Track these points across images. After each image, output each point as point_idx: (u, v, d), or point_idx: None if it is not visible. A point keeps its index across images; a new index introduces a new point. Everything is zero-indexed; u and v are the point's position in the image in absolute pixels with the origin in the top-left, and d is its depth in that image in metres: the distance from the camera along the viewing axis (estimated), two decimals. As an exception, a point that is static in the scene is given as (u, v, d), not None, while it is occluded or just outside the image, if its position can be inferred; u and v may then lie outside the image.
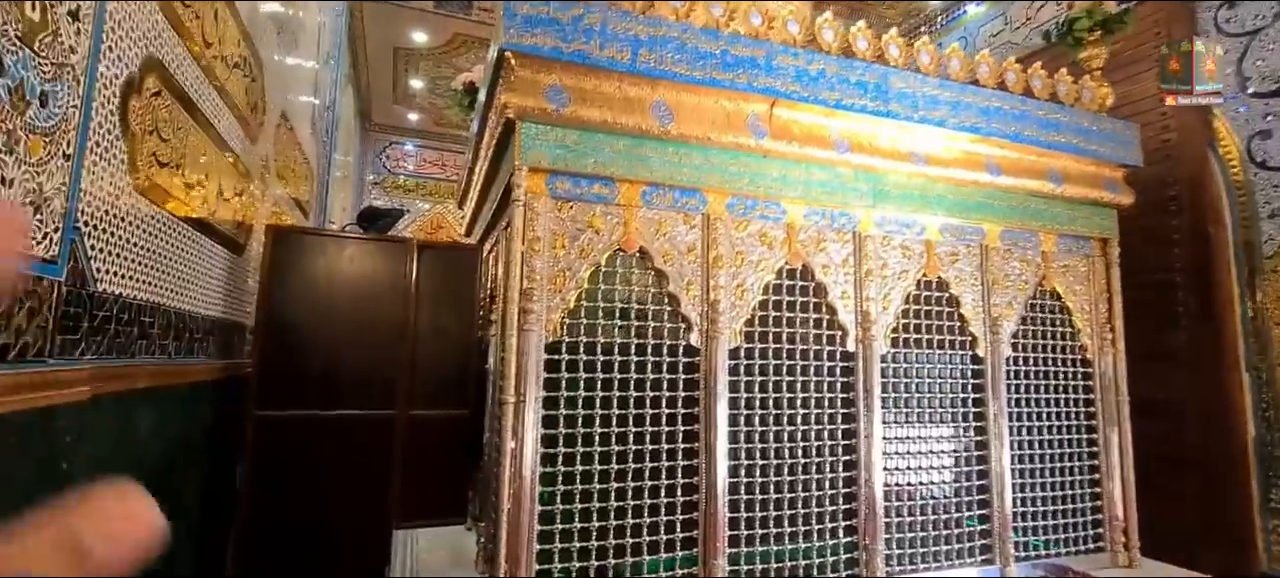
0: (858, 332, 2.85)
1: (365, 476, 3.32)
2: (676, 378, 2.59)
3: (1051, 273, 3.28)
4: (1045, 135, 3.18)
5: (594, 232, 2.51)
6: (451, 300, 3.69)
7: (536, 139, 2.40)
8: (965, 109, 3.01)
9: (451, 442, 3.52)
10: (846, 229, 2.89)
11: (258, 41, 3.25)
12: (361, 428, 3.36)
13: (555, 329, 2.42)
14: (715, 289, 2.64)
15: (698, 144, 2.61)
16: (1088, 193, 3.30)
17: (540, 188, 2.43)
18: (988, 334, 3.09)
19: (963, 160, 3.05)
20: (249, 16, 3.20)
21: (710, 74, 2.57)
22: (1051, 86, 3.26)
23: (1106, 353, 3.33)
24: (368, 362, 3.45)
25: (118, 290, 1.80)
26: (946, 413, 3.00)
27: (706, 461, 2.56)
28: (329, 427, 3.30)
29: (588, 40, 2.40)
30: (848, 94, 2.78)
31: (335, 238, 3.56)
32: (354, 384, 3.39)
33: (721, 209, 2.69)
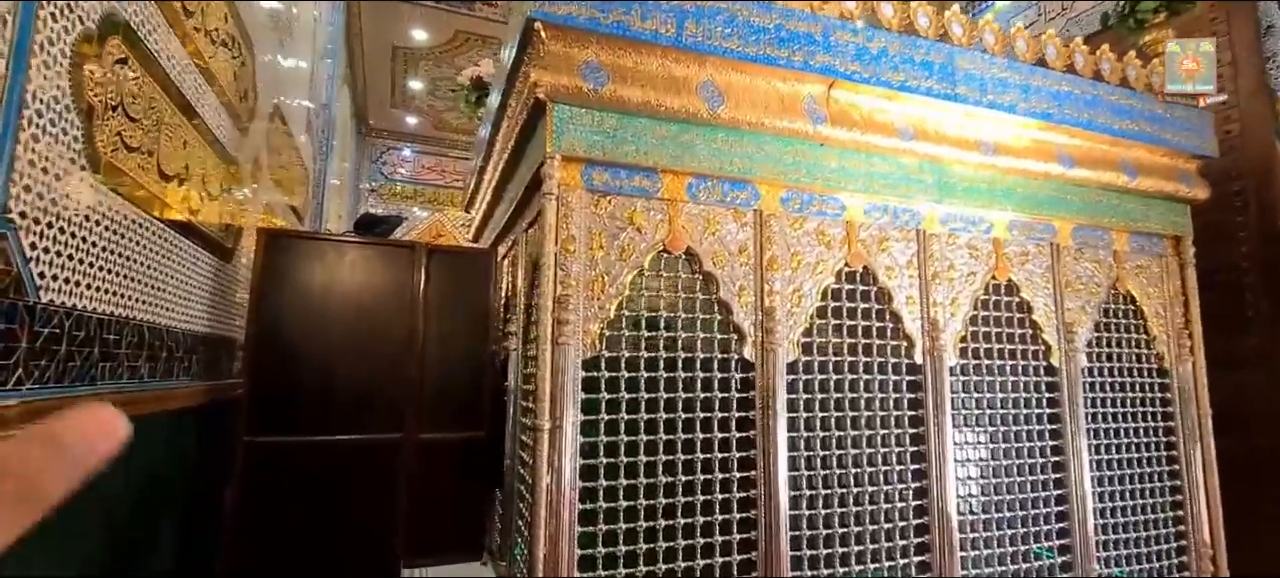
0: (925, 341, 2.55)
1: (369, 509, 2.97)
2: (729, 396, 2.27)
3: (1125, 274, 2.99)
4: (1118, 123, 2.90)
5: (635, 230, 2.19)
6: (464, 310, 3.37)
7: (570, 123, 2.09)
8: (1036, 93, 2.72)
9: (466, 468, 3.18)
10: (910, 227, 2.59)
11: (249, 27, 2.93)
12: (365, 455, 3.02)
13: (593, 343, 2.10)
14: (770, 295, 2.33)
15: (750, 130, 2.31)
16: (1162, 186, 3.02)
17: (575, 179, 2.12)
18: (1062, 343, 2.79)
19: (1033, 150, 2.76)
20: None
21: (764, 50, 2.27)
22: (1120, 70, 2.99)
23: (1185, 361, 3.04)
24: (371, 380, 3.11)
25: (72, 303, 1.46)
26: (1021, 430, 2.70)
27: (765, 487, 2.24)
28: (328, 454, 2.95)
29: (628, 11, 2.10)
30: (913, 75, 2.49)
31: (335, 243, 3.23)
32: (356, 406, 3.05)
33: (775, 204, 2.38)
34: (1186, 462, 2.98)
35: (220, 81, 2.61)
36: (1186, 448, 2.98)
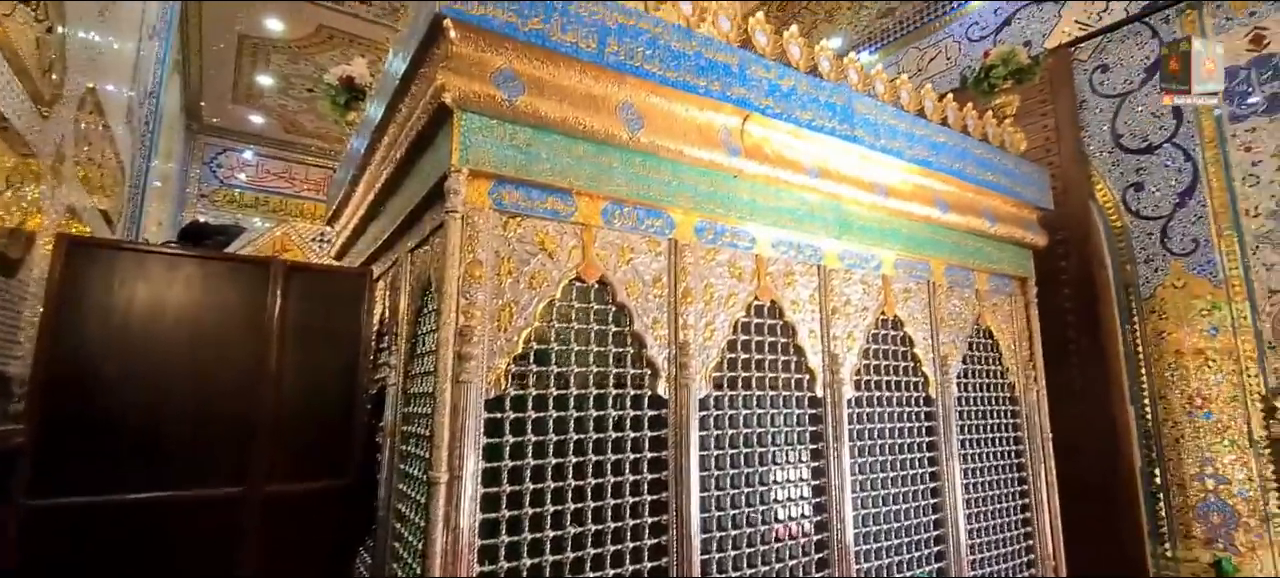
0: (826, 375, 2.60)
1: None
2: (642, 436, 2.13)
3: (985, 311, 3.29)
4: (982, 174, 3.21)
5: (547, 255, 2.00)
6: (329, 339, 2.92)
7: (479, 135, 1.86)
8: (918, 141, 2.93)
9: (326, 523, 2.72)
10: (812, 262, 2.65)
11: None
12: (193, 515, 2.48)
13: (499, 380, 1.87)
14: (684, 329, 2.24)
15: (668, 157, 2.22)
16: (1013, 232, 3.38)
17: (482, 198, 1.89)
18: (938, 375, 2.99)
19: (916, 194, 2.96)
20: None
21: (683, 77, 2.21)
22: (982, 126, 3.33)
23: (1031, 391, 3.40)
24: (206, 423, 2.58)
25: None
26: (906, 458, 2.83)
27: (678, 529, 2.12)
28: (142, 517, 2.39)
29: (548, 20, 1.93)
30: (819, 115, 2.56)
31: (166, 256, 2.68)
32: (184, 455, 2.51)
33: (690, 234, 2.31)
34: (1033, 480, 3.31)
35: (15, 46, 2.04)
36: (1033, 468, 3.32)
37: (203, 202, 9.01)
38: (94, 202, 3.54)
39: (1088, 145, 4.19)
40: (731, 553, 2.25)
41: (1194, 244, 3.71)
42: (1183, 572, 3.65)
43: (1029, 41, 4.59)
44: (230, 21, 5.77)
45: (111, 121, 3.59)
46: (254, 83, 7.11)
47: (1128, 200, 4.00)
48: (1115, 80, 4.12)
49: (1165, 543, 3.71)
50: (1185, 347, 3.72)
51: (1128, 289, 3.96)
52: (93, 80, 3.08)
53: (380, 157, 2.61)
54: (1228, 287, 3.58)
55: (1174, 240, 3.80)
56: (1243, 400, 3.49)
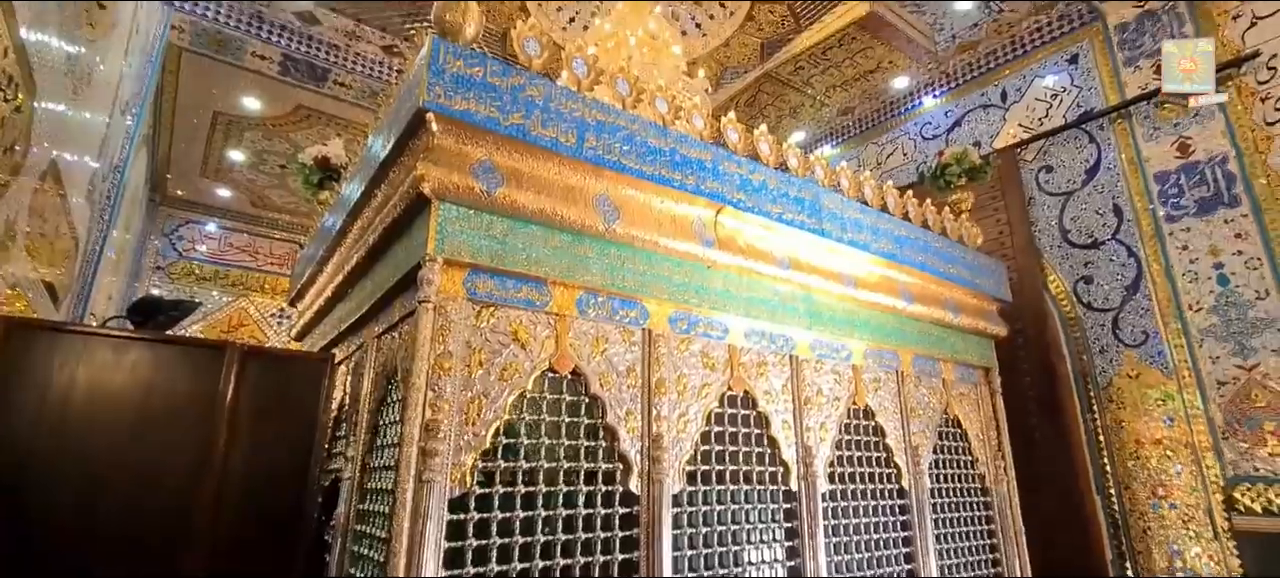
0: (800, 468, 2.56)
1: None
2: (612, 537, 2.04)
3: (953, 400, 3.33)
4: (944, 267, 3.33)
5: (520, 346, 1.96)
6: (282, 427, 2.77)
7: (457, 225, 1.86)
8: (883, 234, 3.03)
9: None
10: (784, 352, 2.66)
11: (38, 66, 2.30)
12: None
13: (464, 478, 1.78)
14: (657, 421, 2.19)
15: (643, 248, 2.25)
16: (975, 323, 3.48)
17: (456, 287, 1.86)
18: (910, 466, 2.98)
19: (882, 285, 3.04)
20: (32, 23, 2.29)
21: (659, 171, 2.27)
22: (941, 221, 3.47)
23: (1001, 480, 3.40)
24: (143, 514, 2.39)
25: None
26: (882, 555, 2.77)
27: (650, 645, 1.99)
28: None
29: (529, 115, 1.98)
30: (788, 208, 2.64)
31: (109, 339, 2.55)
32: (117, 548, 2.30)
33: (664, 324, 2.31)
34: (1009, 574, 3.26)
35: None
36: (1008, 565, 3.27)
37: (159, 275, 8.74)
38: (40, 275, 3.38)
39: (1039, 239, 4.40)
40: (706, 663, 2.13)
41: (1144, 335, 3.87)
42: (1161, 671, 3.58)
43: (979, 142, 4.89)
44: (206, 99, 5.79)
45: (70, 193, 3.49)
46: (225, 157, 7.07)
47: (1079, 292, 4.18)
48: (1059, 180, 4.39)
49: (1142, 640, 3.65)
50: (1144, 436, 3.80)
51: (1085, 378, 4.07)
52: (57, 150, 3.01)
53: (352, 239, 2.58)
54: (1178, 377, 3.71)
55: (1125, 332, 3.95)
56: (1203, 492, 3.55)
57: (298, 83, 5.31)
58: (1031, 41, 4.65)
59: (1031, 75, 4.67)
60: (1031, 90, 4.66)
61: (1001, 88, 4.85)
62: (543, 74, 2.13)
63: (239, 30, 4.67)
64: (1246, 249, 3.55)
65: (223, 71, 5.19)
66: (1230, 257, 3.60)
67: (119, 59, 3.58)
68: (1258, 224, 3.52)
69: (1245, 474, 3.45)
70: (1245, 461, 3.46)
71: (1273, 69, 3.52)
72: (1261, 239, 3.49)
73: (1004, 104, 4.83)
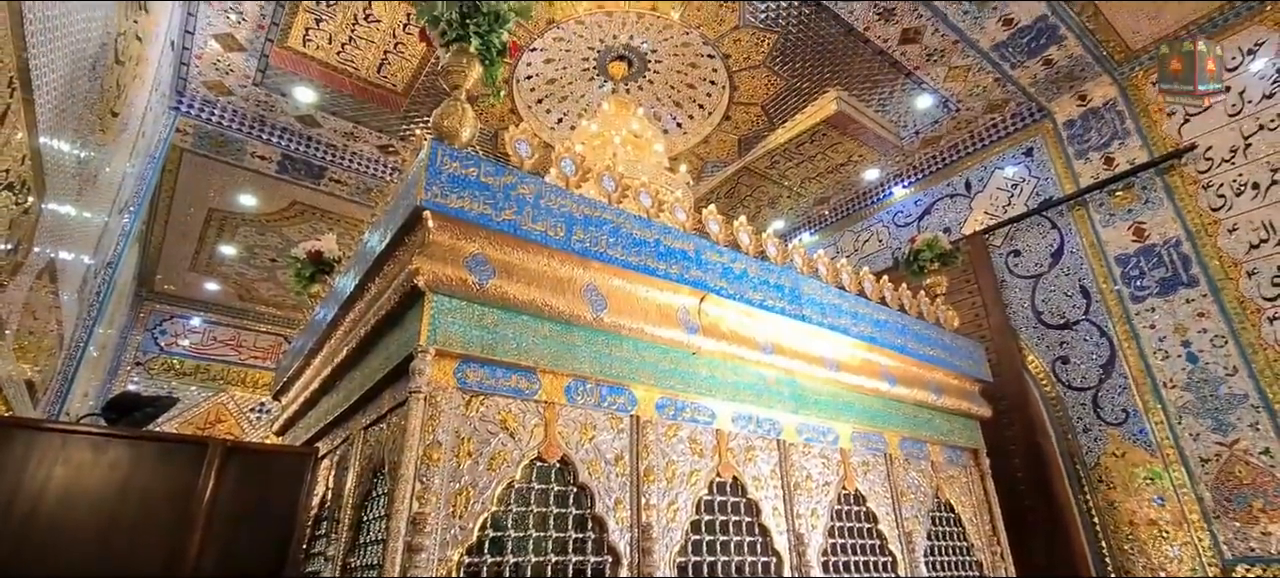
0: (793, 557, 2.51)
1: None
2: (604, 633, 1.98)
3: (943, 483, 3.32)
4: (923, 349, 3.41)
5: (508, 435, 1.98)
6: (260, 525, 2.69)
7: (449, 316, 1.92)
8: (862, 319, 3.13)
9: None
10: (772, 436, 2.68)
11: (51, 170, 2.39)
12: None
13: (451, 575, 1.75)
14: (647, 509, 2.18)
15: (629, 336, 2.31)
16: (959, 404, 3.53)
17: (447, 377, 1.90)
18: (905, 554, 2.93)
19: (864, 368, 3.10)
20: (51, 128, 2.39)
21: (645, 261, 2.36)
22: (918, 305, 3.59)
23: (999, 567, 3.34)
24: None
25: None
26: (882, 649, 2.68)
27: None
28: None
29: (520, 211, 2.09)
30: (769, 295, 2.74)
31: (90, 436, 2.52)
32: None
33: (651, 410, 2.34)
34: (1013, 669, 3.14)
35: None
36: (1012, 656, 3.17)
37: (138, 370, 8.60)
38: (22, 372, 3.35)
39: (1014, 320, 4.54)
40: None
41: (1125, 414, 3.93)
42: None
43: (948, 228, 5.12)
44: (202, 197, 5.93)
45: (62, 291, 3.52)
46: (216, 252, 7.15)
47: (1058, 372, 4.27)
48: (1028, 263, 4.58)
49: None
50: (1137, 517, 3.79)
51: (1074, 459, 4.09)
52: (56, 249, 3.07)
53: (344, 331, 2.61)
54: (1162, 455, 3.75)
55: (1105, 410, 4.02)
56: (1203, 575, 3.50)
57: (294, 180, 5.48)
58: (989, 136, 4.98)
59: (992, 166, 4.97)
60: (993, 180, 4.94)
61: (965, 178, 5.14)
62: (533, 172, 2.26)
63: (242, 132, 4.87)
64: (1210, 327, 3.69)
65: (221, 170, 5.36)
66: (1196, 334, 3.74)
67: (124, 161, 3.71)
68: (1217, 303, 3.68)
69: (1243, 555, 3.43)
70: (1240, 540, 3.44)
71: (1209, 160, 3.79)
72: (1222, 316, 3.64)
73: (969, 193, 5.10)
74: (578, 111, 5.10)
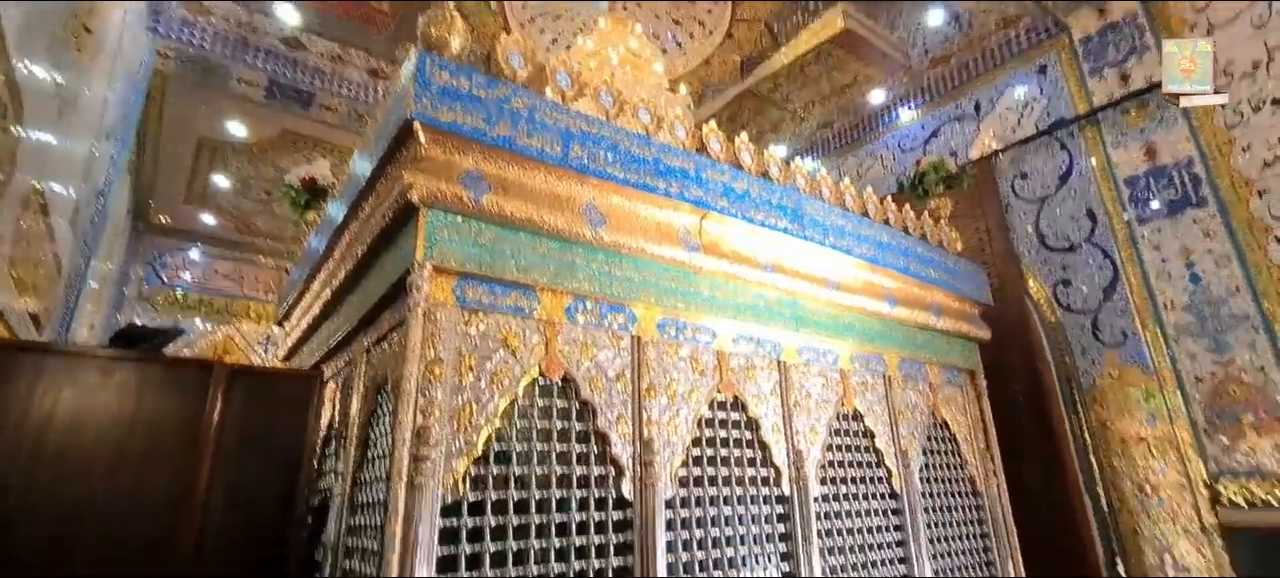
0: (791, 471, 2.58)
1: None
2: (607, 541, 2.04)
3: (939, 402, 3.37)
4: (924, 270, 3.39)
5: (510, 353, 1.98)
6: (270, 447, 2.74)
7: (445, 232, 1.88)
8: (865, 239, 3.09)
9: (254, 656, 2.45)
10: (772, 356, 2.69)
11: (26, 90, 2.30)
12: (104, 649, 2.20)
13: (457, 484, 1.79)
14: (648, 425, 2.21)
15: (629, 255, 2.28)
16: (958, 326, 3.54)
17: (446, 294, 1.88)
18: (901, 468, 3.00)
19: (866, 289, 3.09)
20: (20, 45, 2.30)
21: (644, 179, 2.31)
22: (921, 227, 3.55)
23: (991, 482, 3.44)
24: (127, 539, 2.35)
25: None
26: (876, 557, 2.78)
27: (645, 648, 1.99)
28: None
29: (515, 126, 2.02)
30: (771, 214, 2.69)
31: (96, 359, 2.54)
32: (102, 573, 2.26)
33: (652, 329, 2.33)
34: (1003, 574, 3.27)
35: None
36: (1001, 562, 3.29)
37: (143, 303, 8.63)
38: (24, 303, 3.35)
39: (1017, 245, 4.50)
40: (702, 668, 2.12)
41: (1123, 336, 3.95)
42: (1155, 668, 3.60)
43: (954, 152, 5.01)
44: (191, 125, 5.79)
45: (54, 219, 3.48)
46: (209, 184, 7.05)
47: (1058, 296, 4.27)
48: (1034, 186, 4.50)
49: (1135, 637, 3.67)
50: (1129, 435, 3.86)
51: (1069, 381, 4.14)
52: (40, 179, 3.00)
53: (340, 253, 2.59)
54: (1159, 376, 3.79)
55: (1104, 333, 4.03)
56: (1189, 488, 3.60)
57: (283, 107, 5.33)
58: (1001, 54, 4.80)
59: (1003, 86, 4.81)
60: (1003, 100, 4.79)
61: (975, 99, 4.99)
62: (527, 88, 2.17)
63: (225, 56, 4.70)
64: (1215, 247, 3.66)
65: (208, 97, 5.21)
66: (1201, 255, 3.71)
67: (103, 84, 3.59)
68: (1224, 223, 3.63)
69: (1228, 469, 3.51)
70: (1227, 456, 3.52)
71: (1229, 74, 3.66)
72: (1228, 237, 3.60)
73: (977, 115, 4.96)
74: (573, 32, 4.90)
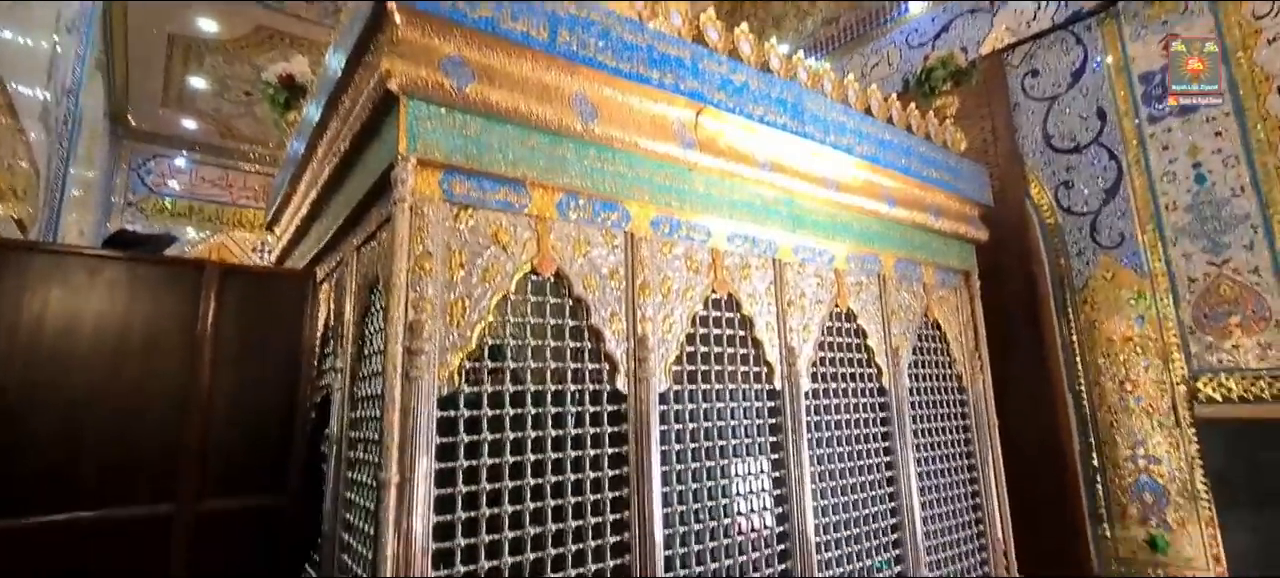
0: (783, 367, 2.62)
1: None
2: (602, 432, 2.09)
3: (933, 303, 3.39)
4: (926, 170, 3.32)
5: (501, 248, 1.95)
6: (269, 346, 2.77)
7: (427, 122, 1.80)
8: (866, 138, 3.00)
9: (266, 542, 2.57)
10: (767, 255, 2.67)
11: None
12: (120, 536, 2.31)
13: (452, 377, 1.80)
14: (643, 322, 2.21)
15: (622, 149, 2.21)
16: (957, 227, 3.50)
17: (432, 188, 1.83)
18: (891, 366, 3.06)
19: (865, 189, 3.03)
20: None
21: (636, 68, 2.20)
22: (925, 126, 3.44)
23: (977, 380, 3.52)
24: (131, 440, 2.40)
25: None
26: (862, 449, 2.88)
27: (640, 524, 2.08)
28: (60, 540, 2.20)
29: (498, 7, 1.89)
30: (770, 110, 2.59)
31: (82, 257, 2.50)
32: (108, 474, 2.33)
33: (646, 227, 2.30)
34: (982, 468, 3.42)
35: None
36: (981, 455, 3.43)
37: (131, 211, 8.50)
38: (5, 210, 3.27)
39: (1022, 145, 4.39)
40: (695, 548, 2.23)
41: (1121, 238, 3.93)
42: (1121, 551, 3.82)
43: (965, 47, 4.78)
44: (159, 20, 5.48)
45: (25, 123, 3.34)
46: (186, 86, 6.76)
47: (1059, 198, 4.21)
48: (1045, 84, 4.34)
49: (1103, 523, 3.88)
50: (1116, 336, 3.92)
51: (1063, 283, 4.15)
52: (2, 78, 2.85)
53: (322, 153, 2.51)
54: (1152, 279, 3.80)
55: (1102, 234, 4.01)
56: (1169, 386, 3.69)
57: (255, 0, 5.02)
58: (1022, -63, 4.49)
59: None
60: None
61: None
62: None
63: (187, -60, 4.37)
64: (1225, 147, 3.57)
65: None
66: (1209, 155, 3.62)
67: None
68: (1238, 121, 3.53)
69: (1208, 366, 3.58)
70: (1209, 354, 3.59)
71: (1264, -45, 3.44)
72: (1240, 136, 3.51)
73: (992, 7, 4.70)
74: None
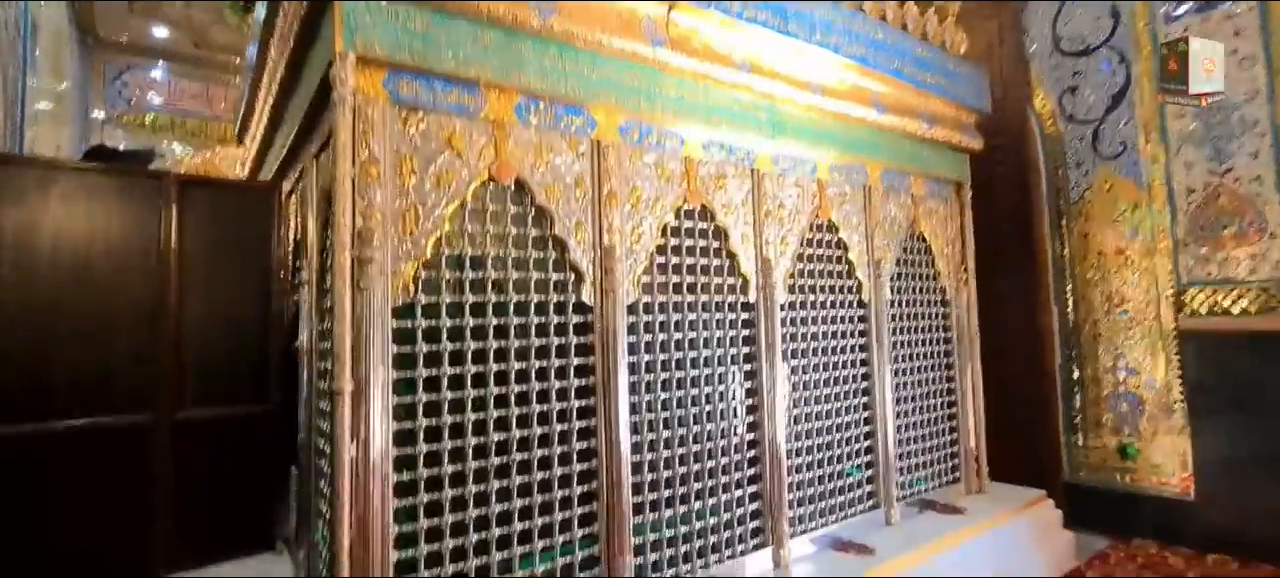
0: (758, 279, 2.57)
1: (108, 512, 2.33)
2: (567, 342, 2.08)
3: (920, 215, 3.30)
4: (920, 74, 3.14)
5: (455, 154, 1.86)
6: (238, 259, 2.73)
7: (368, 18, 1.68)
8: (856, 38, 2.82)
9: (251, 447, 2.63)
10: (745, 165, 2.57)
11: None
12: (97, 444, 2.35)
13: (407, 286, 1.76)
14: (609, 232, 2.15)
15: (585, 48, 2.07)
16: (950, 136, 3.36)
17: (376, 88, 1.72)
18: (871, 278, 3.01)
19: (852, 94, 2.88)
20: None
21: (600, -43, 2.03)
22: (923, 25, 3.23)
23: (961, 293, 3.48)
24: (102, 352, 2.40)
25: None
26: (838, 360, 2.88)
27: (606, 435, 2.10)
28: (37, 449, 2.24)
29: (439, -119, 1.72)
30: (748, 5, 2.42)
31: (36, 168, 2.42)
32: (80, 386, 2.35)
33: (613, 133, 2.19)
34: (960, 379, 3.44)
35: None
36: (961, 366, 3.44)
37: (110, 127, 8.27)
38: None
39: (1028, 48, 4.15)
40: (663, 454, 2.26)
41: (1122, 146, 3.77)
42: (1092, 459, 3.91)
43: (976, -60, 4.44)
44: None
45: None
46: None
47: (1063, 105, 4.02)
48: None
49: (1078, 434, 3.94)
50: (1107, 247, 3.84)
51: (1058, 194, 4.03)
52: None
53: (273, 55, 2.37)
54: (1150, 190, 3.67)
55: (1104, 143, 3.85)
56: (1155, 297, 3.64)
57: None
58: None
59: None
60: (1039, -127, 4.14)
61: (1007, -128, 4.31)
62: None
63: None
64: (1243, 47, 3.36)
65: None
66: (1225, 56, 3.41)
67: None
68: (1260, 18, 3.30)
69: (1197, 278, 3.52)
70: (1200, 266, 3.52)
71: None
72: (1260, 33, 3.29)
73: (1008, -108, 4.32)
74: None
